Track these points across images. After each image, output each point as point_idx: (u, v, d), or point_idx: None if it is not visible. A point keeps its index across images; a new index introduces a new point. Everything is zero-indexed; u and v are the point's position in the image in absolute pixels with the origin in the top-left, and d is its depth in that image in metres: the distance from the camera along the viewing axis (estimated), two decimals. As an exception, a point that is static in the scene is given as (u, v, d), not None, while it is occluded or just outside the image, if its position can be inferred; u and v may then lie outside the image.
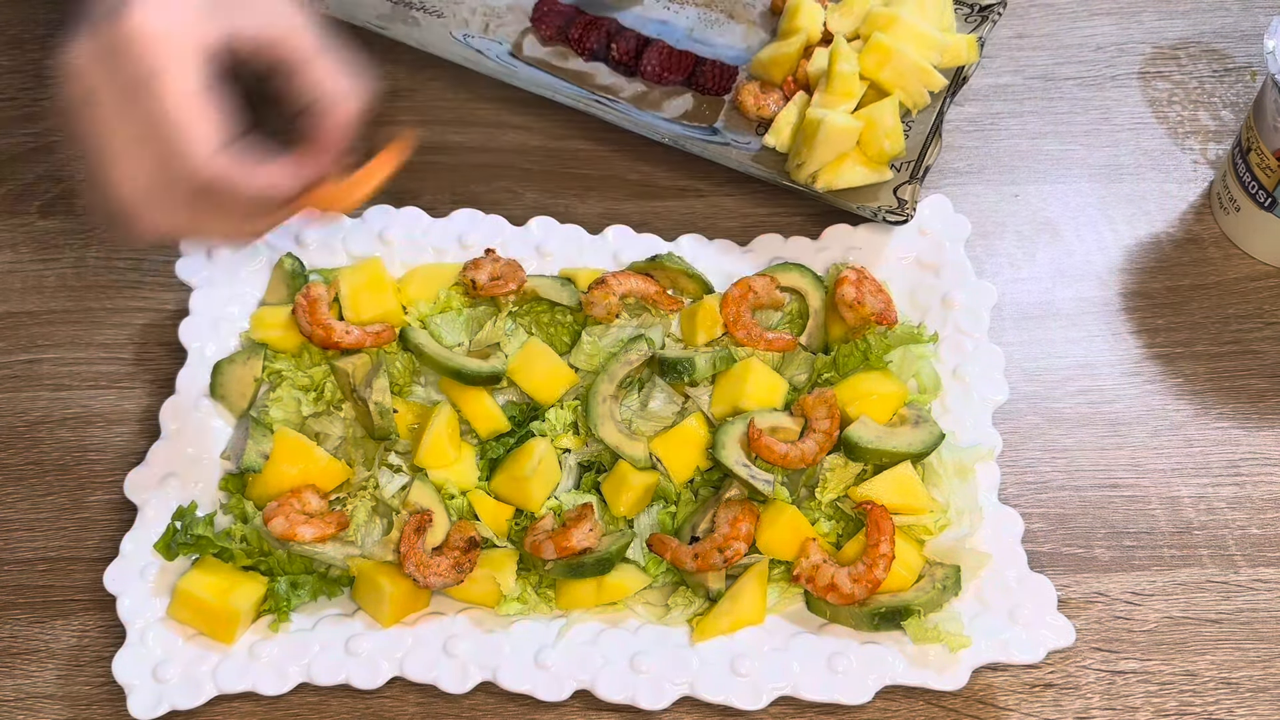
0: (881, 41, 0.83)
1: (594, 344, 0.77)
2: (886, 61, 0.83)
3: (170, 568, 0.70)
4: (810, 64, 0.86)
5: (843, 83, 0.83)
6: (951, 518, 0.70)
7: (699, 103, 0.89)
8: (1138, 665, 0.69)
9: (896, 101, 0.82)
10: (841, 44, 0.84)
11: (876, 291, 0.77)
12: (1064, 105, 0.94)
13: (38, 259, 0.85)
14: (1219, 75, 0.95)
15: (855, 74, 0.83)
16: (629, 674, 0.67)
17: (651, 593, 0.71)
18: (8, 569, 0.73)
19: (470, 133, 0.92)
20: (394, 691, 0.69)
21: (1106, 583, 0.72)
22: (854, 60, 0.83)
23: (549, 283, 0.79)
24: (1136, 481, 0.76)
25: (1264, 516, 0.75)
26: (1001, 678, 0.69)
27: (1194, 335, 0.82)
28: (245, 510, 0.71)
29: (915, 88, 0.84)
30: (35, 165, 0.90)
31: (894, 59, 0.83)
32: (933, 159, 0.83)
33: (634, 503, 0.71)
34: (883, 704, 0.68)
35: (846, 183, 0.82)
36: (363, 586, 0.69)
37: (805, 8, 0.88)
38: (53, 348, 0.82)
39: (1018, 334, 0.82)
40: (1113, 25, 0.98)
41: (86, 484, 0.76)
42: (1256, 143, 0.80)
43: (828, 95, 0.83)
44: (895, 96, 0.83)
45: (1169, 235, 0.87)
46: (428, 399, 0.75)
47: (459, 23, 0.92)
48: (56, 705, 0.69)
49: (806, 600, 0.70)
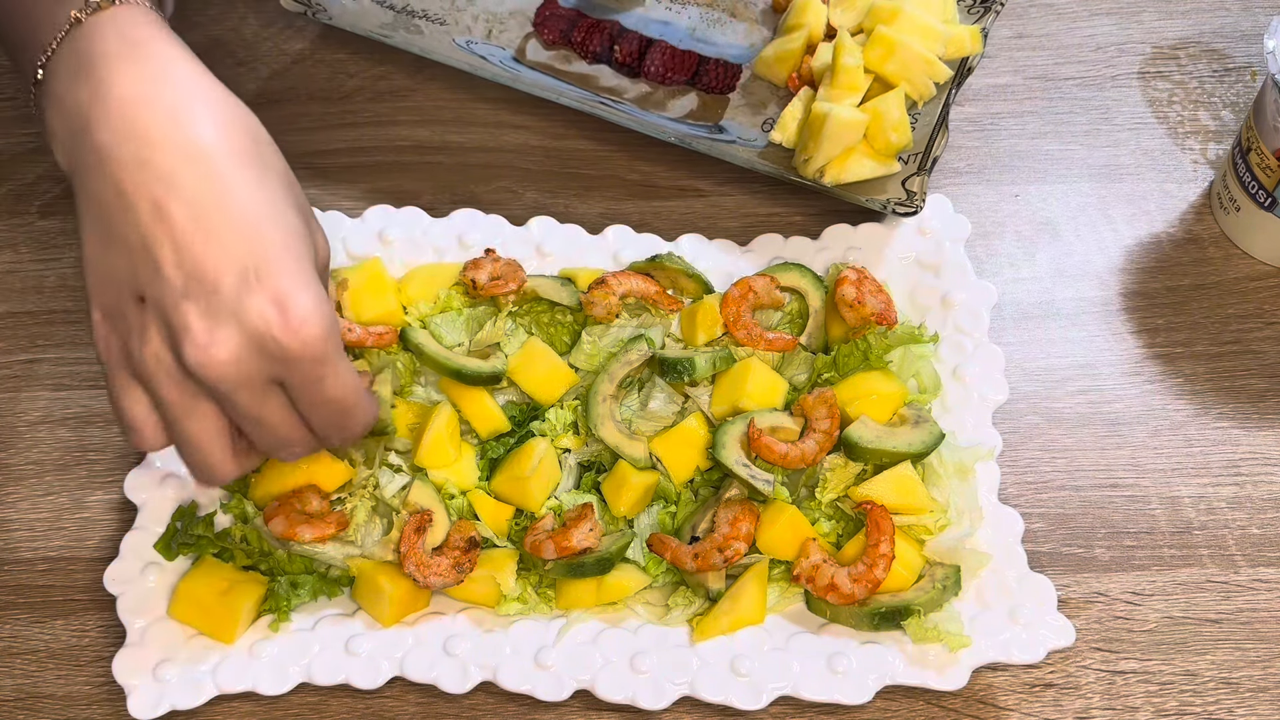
0: (885, 34, 0.83)
1: (594, 344, 0.77)
2: (891, 54, 0.83)
3: (170, 568, 0.70)
4: (814, 59, 0.86)
5: (847, 76, 0.83)
6: (951, 518, 0.70)
7: (703, 102, 0.89)
8: (1138, 665, 0.69)
9: (902, 94, 0.82)
10: (845, 38, 0.84)
11: (876, 291, 0.77)
12: (1064, 105, 0.94)
13: (38, 259, 0.85)
14: (1219, 75, 0.95)
15: (859, 68, 0.83)
16: (629, 674, 0.67)
17: (651, 593, 0.71)
18: (8, 569, 0.73)
19: (470, 133, 0.92)
20: (394, 691, 0.68)
21: (1106, 583, 0.72)
22: (858, 54, 0.83)
23: (549, 283, 0.79)
24: (1136, 481, 0.76)
25: (1264, 516, 0.75)
26: (1002, 678, 0.69)
27: (1194, 335, 0.82)
28: (245, 510, 0.71)
29: (921, 79, 0.84)
30: (35, 165, 0.90)
31: (899, 51, 0.83)
32: (940, 150, 0.83)
33: (634, 503, 0.71)
34: (883, 704, 0.68)
35: (854, 176, 0.82)
36: (363, 586, 0.69)
37: (808, 4, 0.88)
38: (53, 348, 0.82)
39: (1018, 334, 0.82)
40: (1113, 25, 0.98)
41: (86, 484, 0.76)
42: (1256, 143, 0.80)
43: (832, 89, 0.83)
44: (901, 89, 0.83)
45: (1169, 235, 0.87)
46: (428, 399, 0.75)
47: (462, 30, 0.92)
48: (56, 705, 0.68)
49: (806, 600, 0.70)
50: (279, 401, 0.57)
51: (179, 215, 0.53)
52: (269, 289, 0.53)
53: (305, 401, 0.57)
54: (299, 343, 0.54)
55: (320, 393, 0.56)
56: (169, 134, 0.54)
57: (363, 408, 0.59)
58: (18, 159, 0.90)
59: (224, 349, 0.53)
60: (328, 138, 0.91)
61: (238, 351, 0.54)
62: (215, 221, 0.53)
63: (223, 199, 0.54)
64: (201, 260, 0.53)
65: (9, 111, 0.93)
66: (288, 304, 0.53)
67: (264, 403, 0.56)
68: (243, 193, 0.54)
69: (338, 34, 0.93)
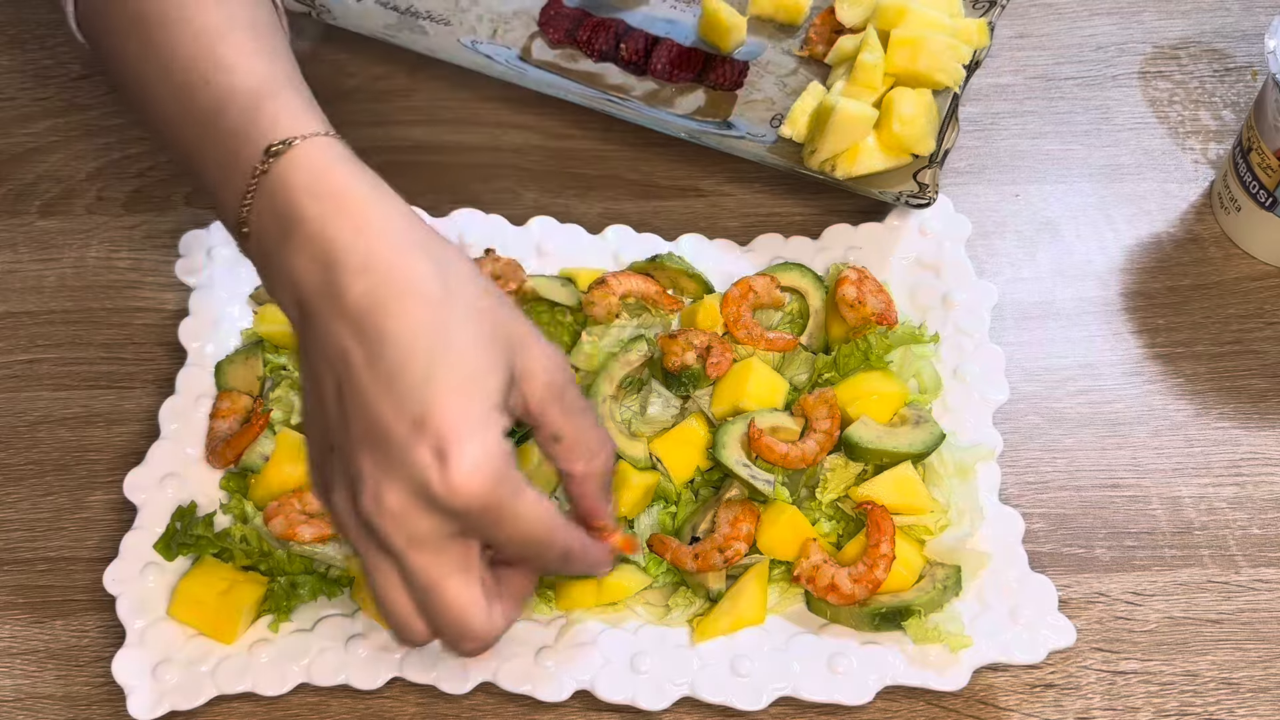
0: (902, 36, 0.84)
1: (594, 344, 0.77)
2: (918, 52, 0.83)
3: (170, 568, 0.70)
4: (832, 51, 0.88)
5: (865, 73, 0.83)
6: (952, 518, 0.70)
7: (711, 98, 0.89)
8: (1138, 665, 0.69)
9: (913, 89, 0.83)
10: (872, 35, 0.84)
11: (877, 291, 0.77)
12: (1064, 105, 0.94)
13: (38, 259, 0.85)
14: (1220, 75, 0.95)
15: (879, 66, 0.83)
16: (629, 674, 0.67)
17: (651, 593, 0.71)
18: (8, 569, 0.73)
19: (471, 133, 0.92)
20: (394, 692, 0.68)
21: (1107, 583, 0.72)
22: (879, 52, 0.83)
23: (549, 283, 0.79)
24: (1137, 481, 0.76)
25: (1265, 516, 0.75)
26: (1002, 678, 0.69)
27: (1195, 335, 0.82)
28: (245, 510, 0.71)
29: (951, 66, 0.85)
30: (35, 165, 0.90)
31: (925, 45, 0.83)
32: (951, 143, 0.83)
33: (634, 503, 0.71)
34: (883, 704, 0.68)
35: (866, 169, 0.82)
36: (363, 587, 0.69)
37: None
38: (53, 348, 0.81)
39: (1018, 334, 0.82)
40: (1113, 25, 0.98)
41: (86, 484, 0.76)
42: (1257, 142, 0.80)
43: (850, 85, 0.83)
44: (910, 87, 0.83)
45: (1170, 235, 0.87)
46: (428, 399, 0.75)
47: (467, 30, 0.92)
48: (56, 705, 0.68)
49: (807, 600, 0.70)
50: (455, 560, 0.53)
51: (358, 361, 0.52)
52: (431, 438, 0.50)
53: (493, 542, 0.54)
54: (460, 497, 0.50)
55: (502, 534, 0.53)
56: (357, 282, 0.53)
57: (556, 537, 0.55)
58: (18, 159, 0.90)
59: (392, 501, 0.51)
60: (328, 138, 0.91)
61: (405, 505, 0.51)
62: (391, 368, 0.51)
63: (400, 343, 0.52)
64: (376, 410, 0.51)
65: (9, 111, 0.93)
66: (449, 453, 0.50)
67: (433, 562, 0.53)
68: (420, 336, 0.52)
69: (338, 34, 0.93)
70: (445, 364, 0.52)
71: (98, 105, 0.93)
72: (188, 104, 0.60)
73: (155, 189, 0.89)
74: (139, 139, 0.91)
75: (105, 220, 0.87)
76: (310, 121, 0.58)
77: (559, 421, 0.56)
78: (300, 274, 0.55)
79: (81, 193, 0.89)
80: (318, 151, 0.57)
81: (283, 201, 0.56)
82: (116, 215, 0.88)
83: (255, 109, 0.58)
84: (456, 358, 0.52)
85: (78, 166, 0.90)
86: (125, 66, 0.64)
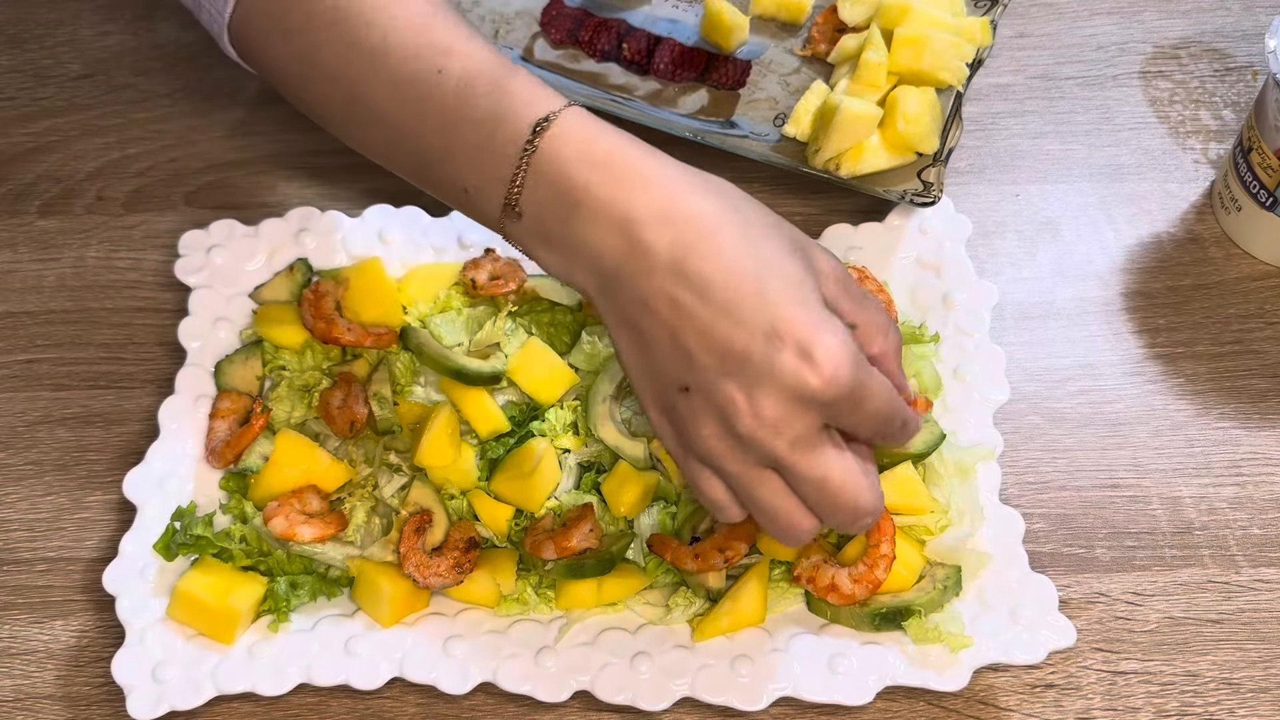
0: (906, 35, 0.84)
1: (594, 344, 0.77)
2: (922, 51, 0.83)
3: (170, 568, 0.70)
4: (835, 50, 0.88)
5: (869, 72, 0.83)
6: (952, 518, 0.70)
7: (714, 98, 0.89)
8: (1139, 666, 0.69)
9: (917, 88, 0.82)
10: (876, 34, 0.84)
11: (877, 291, 0.77)
12: (1065, 105, 0.94)
13: (37, 259, 0.85)
14: (1220, 75, 0.95)
15: (883, 65, 0.83)
16: (629, 674, 0.67)
17: (651, 593, 0.71)
18: (7, 569, 0.73)
19: (470, 132, 0.92)
20: (394, 692, 0.68)
21: (1107, 583, 0.72)
22: (884, 51, 0.83)
23: (549, 283, 0.79)
24: (1138, 482, 0.76)
25: (1265, 517, 0.74)
26: (1003, 678, 0.69)
27: (1195, 335, 0.82)
28: (245, 510, 0.71)
29: (955, 65, 0.85)
30: (35, 165, 0.90)
31: (929, 43, 0.83)
32: (955, 141, 0.83)
33: (634, 503, 0.71)
34: (883, 704, 0.68)
35: (869, 167, 0.82)
36: (362, 587, 0.69)
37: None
38: (52, 348, 0.81)
39: (1018, 334, 0.82)
40: (1114, 25, 0.98)
41: (86, 484, 0.76)
42: (1258, 142, 0.80)
43: (854, 84, 0.83)
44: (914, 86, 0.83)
45: (1170, 235, 0.87)
46: (428, 399, 0.75)
47: (468, 30, 0.92)
48: (56, 705, 0.68)
49: (807, 601, 0.70)
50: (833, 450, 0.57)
51: (690, 303, 0.55)
52: (790, 343, 0.54)
53: (851, 424, 0.58)
54: (834, 385, 0.54)
55: (863, 413, 0.57)
56: (662, 236, 0.56)
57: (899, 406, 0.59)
58: (18, 159, 0.90)
59: (769, 411, 0.55)
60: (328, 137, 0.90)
61: (782, 410, 0.55)
62: (725, 298, 0.55)
63: (724, 275, 0.55)
64: (726, 338, 0.55)
65: (9, 111, 0.93)
66: (813, 352, 0.54)
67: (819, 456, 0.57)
68: (739, 263, 0.55)
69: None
70: (772, 280, 0.55)
71: (98, 105, 0.93)
72: (422, 96, 0.61)
73: (155, 189, 0.89)
74: (139, 139, 0.91)
75: (105, 220, 0.87)
76: (551, 94, 0.60)
77: (852, 311, 0.60)
78: (598, 242, 0.57)
79: (81, 193, 0.89)
80: (576, 121, 0.59)
81: (561, 176, 0.57)
82: (116, 215, 0.88)
83: (501, 91, 0.59)
84: (779, 271, 0.56)
85: (77, 166, 0.90)
86: (316, 68, 0.64)
